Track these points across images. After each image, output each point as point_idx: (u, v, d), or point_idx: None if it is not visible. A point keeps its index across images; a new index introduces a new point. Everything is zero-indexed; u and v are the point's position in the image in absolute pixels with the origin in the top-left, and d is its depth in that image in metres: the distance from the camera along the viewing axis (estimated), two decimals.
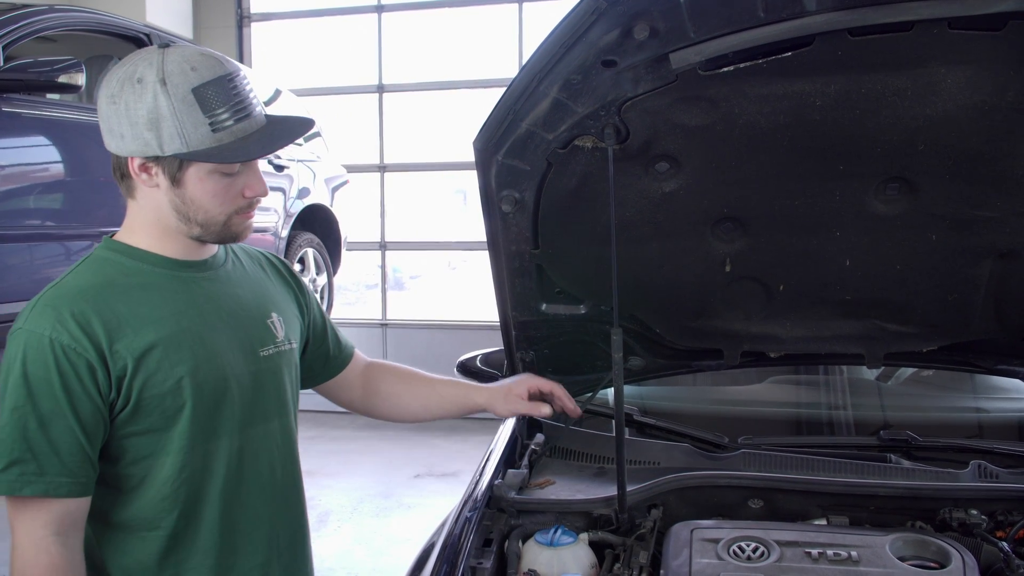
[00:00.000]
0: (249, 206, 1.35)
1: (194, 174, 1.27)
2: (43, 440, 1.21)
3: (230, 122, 1.25)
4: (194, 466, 1.32)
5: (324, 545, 4.05)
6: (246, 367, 1.38)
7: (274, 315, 1.47)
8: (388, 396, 1.70)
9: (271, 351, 1.43)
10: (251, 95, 1.30)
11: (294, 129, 1.36)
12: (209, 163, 1.26)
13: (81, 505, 1.25)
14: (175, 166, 1.26)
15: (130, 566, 1.32)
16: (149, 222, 1.33)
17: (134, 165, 1.27)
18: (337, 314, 6.53)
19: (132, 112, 1.22)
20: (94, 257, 1.34)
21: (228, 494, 1.36)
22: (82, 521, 1.27)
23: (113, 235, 1.37)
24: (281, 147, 1.34)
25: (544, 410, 1.62)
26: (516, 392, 1.64)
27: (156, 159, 1.26)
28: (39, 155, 3.52)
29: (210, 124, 1.24)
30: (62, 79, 3.29)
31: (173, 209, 1.30)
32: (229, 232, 1.35)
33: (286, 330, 1.48)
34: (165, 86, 1.22)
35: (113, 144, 1.27)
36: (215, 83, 1.24)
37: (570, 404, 1.68)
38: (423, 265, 11.34)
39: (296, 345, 1.52)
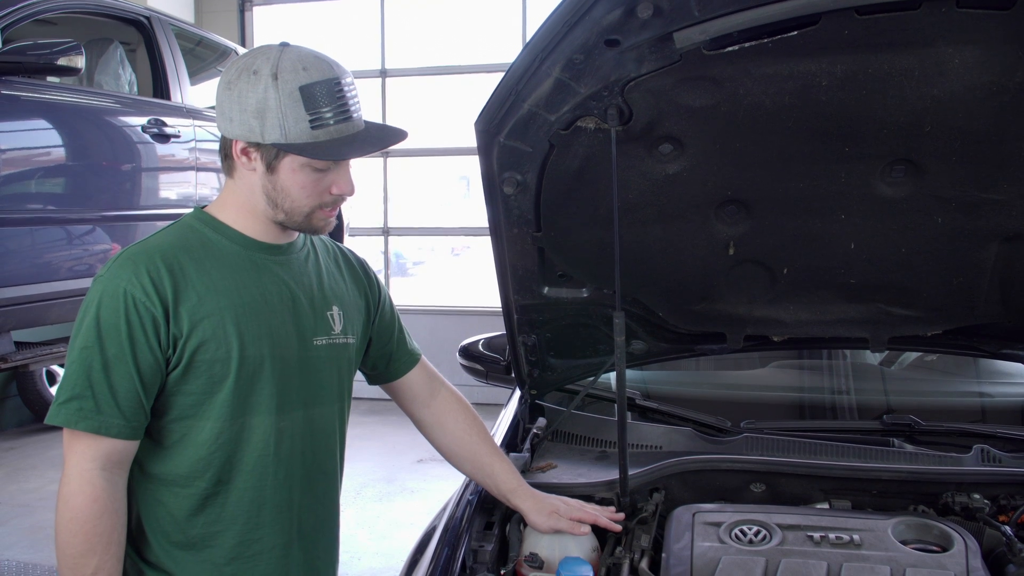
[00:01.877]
0: (334, 203, 1.43)
1: (288, 164, 1.36)
2: (104, 381, 1.31)
3: (330, 122, 1.33)
4: (231, 435, 1.39)
5: None
6: (296, 352, 1.44)
7: (335, 308, 1.52)
8: (451, 435, 1.71)
9: (324, 341, 1.49)
10: (354, 101, 1.37)
11: (386, 137, 1.43)
12: (302, 156, 1.34)
13: (128, 447, 1.35)
14: (272, 154, 1.35)
15: (161, 516, 1.41)
16: (240, 202, 1.43)
17: (237, 148, 1.37)
18: None
19: (243, 99, 1.32)
20: (181, 223, 1.44)
21: (261, 470, 1.42)
22: (127, 463, 1.36)
23: (205, 207, 1.46)
24: (371, 152, 1.40)
25: (585, 529, 1.60)
26: (564, 513, 1.61)
27: (257, 145, 1.35)
28: (38, 139, 3.51)
29: (310, 121, 1.32)
30: (61, 62, 3.28)
31: (264, 193, 1.39)
32: (311, 224, 1.43)
33: (344, 324, 1.53)
34: (276, 80, 1.30)
35: (223, 126, 1.37)
36: (322, 84, 1.32)
37: (613, 526, 1.63)
38: (426, 251, 11.31)
39: (354, 341, 1.56)
